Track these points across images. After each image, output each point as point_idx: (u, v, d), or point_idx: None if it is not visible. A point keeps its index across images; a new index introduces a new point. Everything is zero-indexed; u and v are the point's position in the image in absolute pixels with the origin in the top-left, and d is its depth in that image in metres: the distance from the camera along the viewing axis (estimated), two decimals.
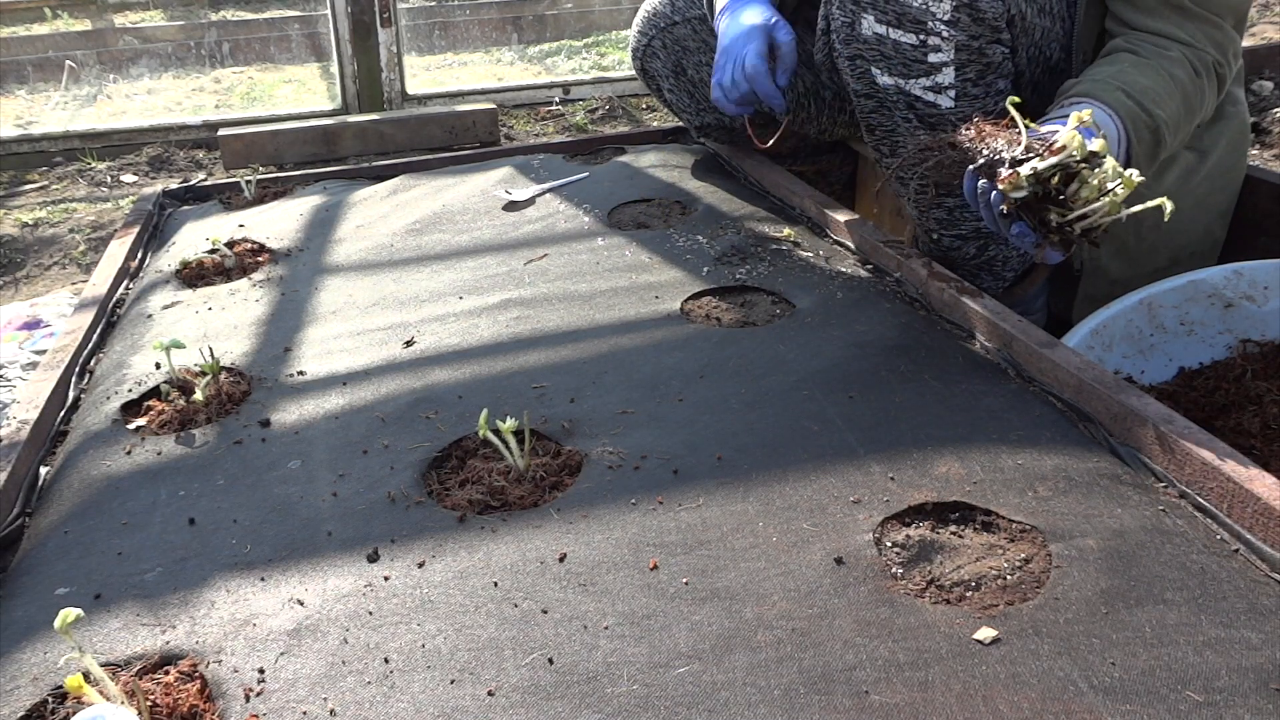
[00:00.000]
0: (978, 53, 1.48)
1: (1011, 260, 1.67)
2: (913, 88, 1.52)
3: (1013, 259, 1.67)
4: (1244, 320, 1.46)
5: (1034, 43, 1.52)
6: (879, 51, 1.52)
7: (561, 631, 0.89)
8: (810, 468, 1.09)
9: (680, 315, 1.47)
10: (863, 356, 1.30)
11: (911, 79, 1.51)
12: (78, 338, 1.54)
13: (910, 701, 0.79)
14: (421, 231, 1.86)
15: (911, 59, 1.50)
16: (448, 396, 1.29)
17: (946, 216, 1.65)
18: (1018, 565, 0.94)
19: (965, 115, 1.51)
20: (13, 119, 3.84)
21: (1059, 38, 1.55)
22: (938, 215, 1.66)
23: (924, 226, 1.70)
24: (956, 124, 1.52)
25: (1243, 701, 0.76)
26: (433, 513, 1.07)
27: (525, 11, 5.06)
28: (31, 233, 2.82)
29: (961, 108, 1.52)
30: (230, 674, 0.88)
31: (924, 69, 1.50)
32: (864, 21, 1.51)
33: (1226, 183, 1.72)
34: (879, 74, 1.54)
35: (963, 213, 1.63)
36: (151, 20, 4.85)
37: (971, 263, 1.68)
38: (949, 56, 1.48)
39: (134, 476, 1.18)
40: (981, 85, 1.51)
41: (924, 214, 1.67)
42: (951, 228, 1.66)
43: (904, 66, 1.51)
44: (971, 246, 1.67)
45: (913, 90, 1.52)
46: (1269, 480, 0.94)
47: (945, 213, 1.65)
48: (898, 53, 1.51)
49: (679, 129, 2.42)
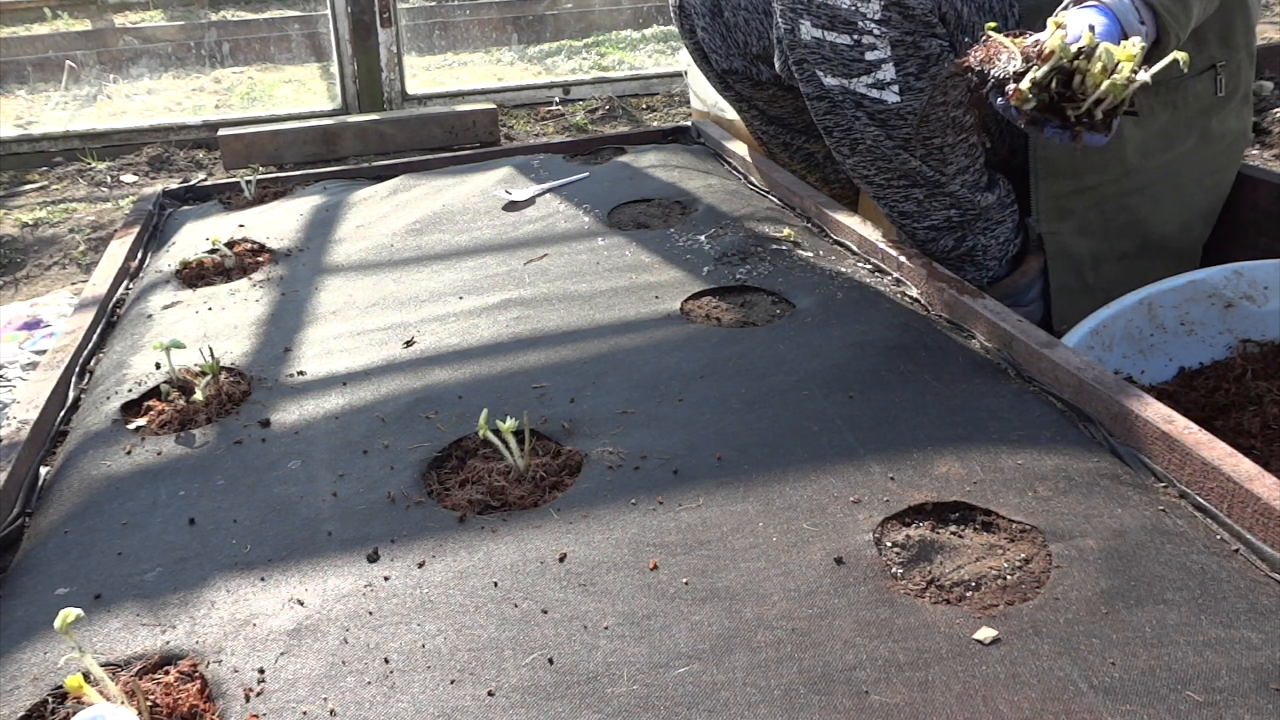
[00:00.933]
0: (913, 47, 1.51)
1: (992, 249, 1.67)
2: (857, 86, 1.55)
3: (993, 248, 1.67)
4: (1244, 320, 1.46)
5: (975, 40, 1.54)
6: (819, 54, 1.56)
7: (561, 631, 0.89)
8: (810, 468, 1.09)
9: (680, 315, 1.47)
10: (863, 356, 1.30)
11: (854, 78, 1.55)
12: (78, 338, 1.54)
13: (910, 701, 0.79)
14: (421, 231, 1.86)
15: (850, 59, 1.54)
16: (448, 396, 1.29)
17: (916, 209, 1.65)
18: (1018, 565, 0.94)
19: (913, 109, 1.54)
20: (13, 119, 3.84)
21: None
22: (907, 209, 1.66)
23: (897, 223, 1.70)
24: (906, 118, 1.55)
25: (1243, 701, 0.76)
26: (433, 513, 1.07)
27: (525, 11, 5.06)
28: (31, 233, 2.82)
29: (908, 101, 1.54)
30: (230, 674, 0.88)
31: (863, 67, 1.54)
32: (802, 27, 1.56)
33: (1215, 183, 1.72)
34: (823, 75, 1.58)
35: (932, 202, 1.64)
36: (151, 20, 4.85)
37: (952, 255, 1.68)
38: (886, 54, 1.51)
39: (134, 476, 1.18)
40: (925, 78, 1.53)
41: (893, 209, 1.68)
42: (923, 219, 1.66)
43: (844, 66, 1.55)
44: (949, 239, 1.67)
45: (857, 89, 1.56)
46: (1269, 480, 0.94)
47: (915, 205, 1.65)
48: (836, 54, 1.55)
49: (679, 129, 2.42)
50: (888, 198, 1.67)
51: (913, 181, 1.62)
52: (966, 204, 1.63)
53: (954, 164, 1.61)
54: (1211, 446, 1.00)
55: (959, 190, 1.62)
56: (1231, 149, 1.72)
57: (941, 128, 1.57)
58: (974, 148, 1.62)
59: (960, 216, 1.64)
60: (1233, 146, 1.72)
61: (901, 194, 1.65)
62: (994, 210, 1.66)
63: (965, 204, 1.63)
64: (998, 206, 1.66)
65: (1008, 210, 1.68)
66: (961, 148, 1.60)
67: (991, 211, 1.65)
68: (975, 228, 1.66)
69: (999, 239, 1.67)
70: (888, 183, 1.65)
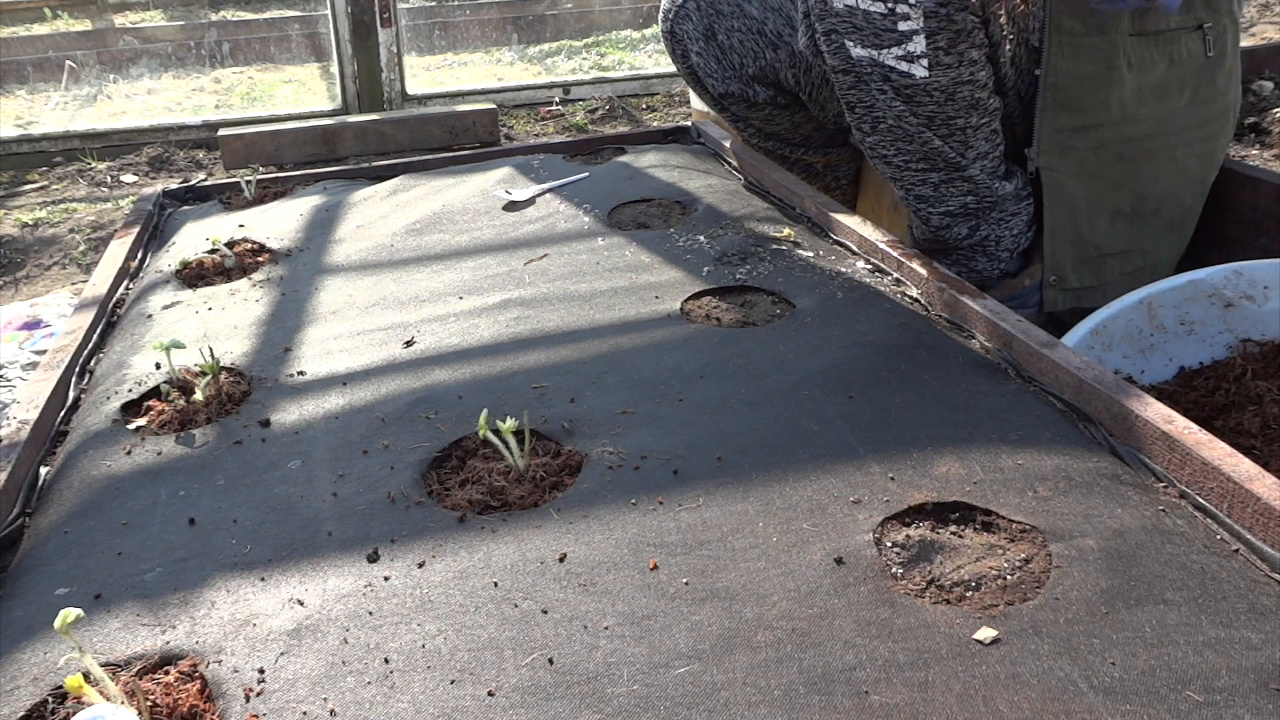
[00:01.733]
0: (946, 19, 1.52)
1: (1005, 241, 1.67)
2: (886, 58, 1.56)
3: (1006, 239, 1.68)
4: (1244, 320, 1.46)
5: (1010, 15, 1.55)
6: (850, 23, 1.57)
7: (561, 632, 0.89)
8: (810, 468, 1.09)
9: (680, 315, 1.47)
10: (863, 356, 1.30)
11: (884, 49, 1.56)
12: (78, 338, 1.54)
13: (910, 701, 0.79)
14: (421, 232, 1.86)
15: (882, 28, 1.55)
16: (448, 396, 1.29)
17: (933, 193, 1.66)
18: (1018, 565, 0.94)
19: (940, 84, 1.56)
20: (13, 119, 3.85)
21: (1036, 15, 1.57)
22: (924, 193, 1.67)
23: (912, 207, 1.70)
24: (933, 93, 1.56)
25: (1243, 701, 0.76)
26: (433, 513, 1.07)
27: (525, 11, 5.06)
28: (31, 233, 2.82)
29: (936, 77, 1.55)
30: (230, 674, 0.88)
31: (895, 38, 1.55)
32: None
33: (1205, 151, 1.74)
34: (852, 46, 1.59)
35: (949, 187, 1.64)
36: (151, 20, 4.85)
37: (965, 244, 1.69)
38: (918, 24, 1.52)
39: (134, 476, 1.18)
40: (954, 54, 1.54)
41: (909, 192, 1.68)
42: (939, 204, 1.67)
43: (875, 36, 1.56)
44: (963, 226, 1.67)
45: (886, 60, 1.57)
46: (1269, 480, 0.94)
47: (932, 189, 1.66)
48: (869, 23, 1.55)
49: (679, 129, 2.42)
50: (905, 180, 1.67)
51: (932, 164, 1.63)
52: (984, 190, 1.64)
53: (975, 148, 1.61)
54: (1211, 446, 1.00)
55: (978, 175, 1.63)
56: (1221, 119, 1.73)
57: (966, 108, 1.58)
58: (995, 134, 1.63)
59: (976, 204, 1.65)
60: (1222, 117, 1.73)
61: (919, 176, 1.65)
62: (1009, 201, 1.66)
63: (983, 190, 1.64)
64: (1014, 198, 1.67)
65: (1023, 203, 1.69)
66: (983, 132, 1.61)
67: (1007, 202, 1.66)
68: (990, 217, 1.66)
69: (1013, 230, 1.68)
70: (906, 164, 1.65)
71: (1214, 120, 1.72)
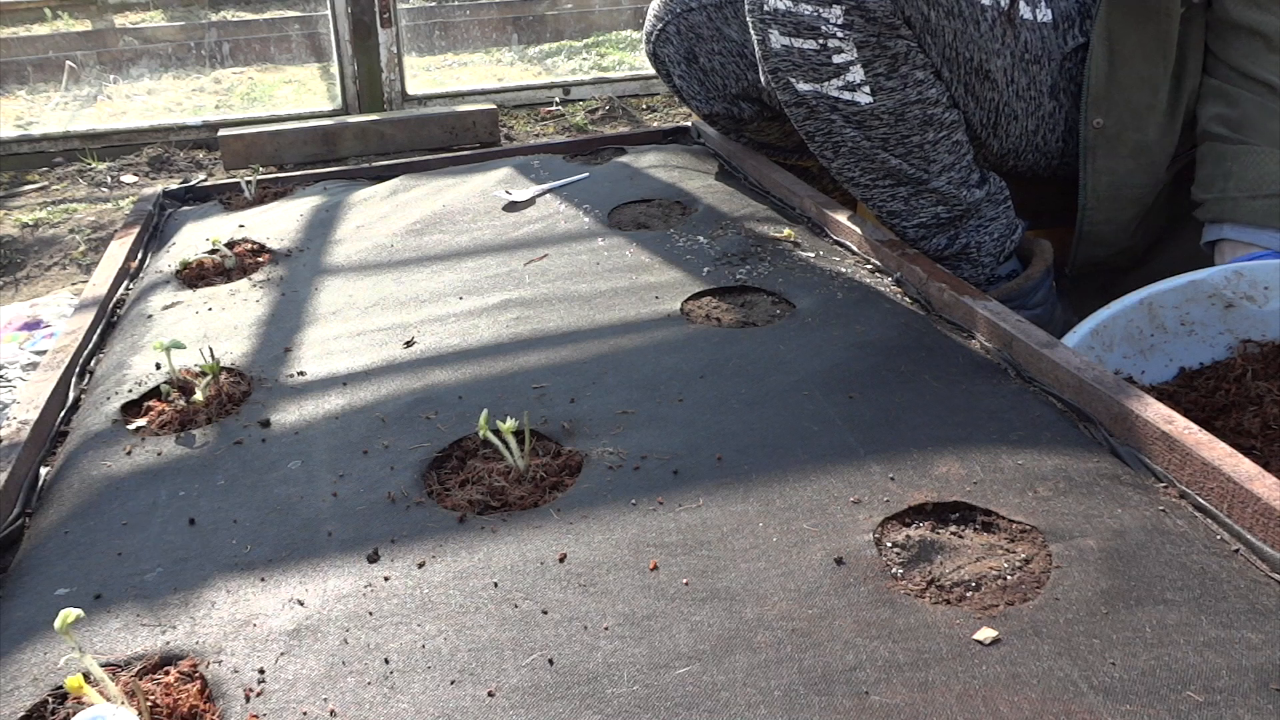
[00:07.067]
0: (879, 47, 1.52)
1: (987, 246, 1.67)
2: (829, 89, 1.57)
3: (987, 245, 1.67)
4: (1244, 320, 1.46)
5: (947, 44, 1.55)
6: (790, 61, 1.58)
7: (561, 632, 0.89)
8: (810, 468, 1.09)
9: (680, 315, 1.47)
10: (863, 356, 1.30)
11: (825, 81, 1.57)
12: (78, 338, 1.54)
13: (910, 702, 0.79)
14: (421, 232, 1.86)
15: (818, 63, 1.56)
16: (448, 397, 1.29)
17: (904, 207, 1.66)
18: (1018, 565, 0.94)
19: (887, 108, 1.56)
20: (13, 119, 3.85)
21: (976, 40, 1.56)
22: (894, 208, 1.67)
23: (887, 223, 1.70)
24: (881, 117, 1.57)
25: (1243, 701, 0.76)
26: (433, 513, 1.07)
27: (525, 12, 5.06)
28: (31, 233, 2.82)
29: (881, 101, 1.56)
30: (230, 674, 0.88)
31: (832, 70, 1.56)
32: (771, 36, 1.58)
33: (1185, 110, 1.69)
34: (796, 82, 1.60)
35: (917, 200, 1.64)
36: (151, 20, 4.85)
37: (946, 254, 1.68)
38: (852, 55, 1.53)
39: (134, 477, 1.18)
40: (896, 77, 1.54)
41: (881, 209, 1.68)
42: (911, 218, 1.67)
43: (814, 71, 1.57)
44: (940, 237, 1.67)
45: (830, 92, 1.58)
46: (1269, 480, 0.94)
47: (901, 203, 1.66)
48: (805, 59, 1.57)
49: (679, 129, 2.42)
50: (874, 198, 1.68)
51: (897, 180, 1.63)
52: (953, 200, 1.63)
53: (938, 161, 1.61)
54: (1211, 446, 1.00)
55: (944, 187, 1.62)
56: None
57: (920, 125, 1.58)
58: (958, 145, 1.62)
59: (949, 213, 1.65)
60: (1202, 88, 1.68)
61: (887, 193, 1.66)
62: (985, 206, 1.66)
63: (952, 200, 1.63)
64: (989, 203, 1.66)
65: (1000, 206, 1.68)
66: (944, 145, 1.61)
67: (983, 207, 1.65)
68: (967, 225, 1.66)
69: (993, 235, 1.67)
70: (873, 183, 1.66)
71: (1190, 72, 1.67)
